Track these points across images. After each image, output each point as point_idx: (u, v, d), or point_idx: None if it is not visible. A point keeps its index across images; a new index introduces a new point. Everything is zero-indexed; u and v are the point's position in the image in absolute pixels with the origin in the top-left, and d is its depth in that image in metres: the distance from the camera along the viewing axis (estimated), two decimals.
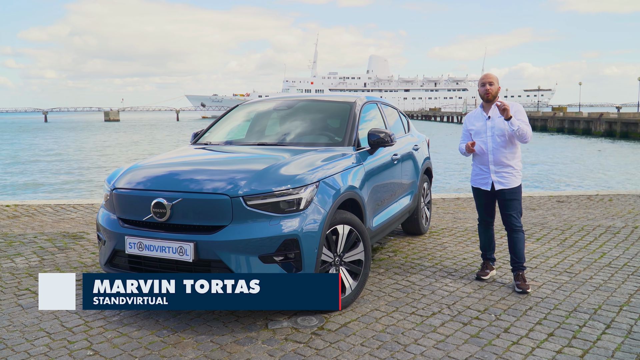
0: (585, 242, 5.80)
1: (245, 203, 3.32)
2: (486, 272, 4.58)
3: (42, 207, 8.07)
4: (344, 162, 4.06)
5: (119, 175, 3.80)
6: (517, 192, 4.56)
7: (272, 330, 3.50)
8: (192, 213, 3.39)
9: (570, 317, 3.70)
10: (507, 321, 3.65)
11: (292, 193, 3.42)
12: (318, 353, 3.18)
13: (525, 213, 7.52)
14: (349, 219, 3.83)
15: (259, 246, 3.30)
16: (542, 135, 44.40)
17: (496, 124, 4.46)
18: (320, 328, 3.54)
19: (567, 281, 4.48)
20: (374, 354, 3.17)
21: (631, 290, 4.24)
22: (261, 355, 3.16)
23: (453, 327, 3.55)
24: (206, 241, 3.30)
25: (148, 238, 3.45)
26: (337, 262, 3.80)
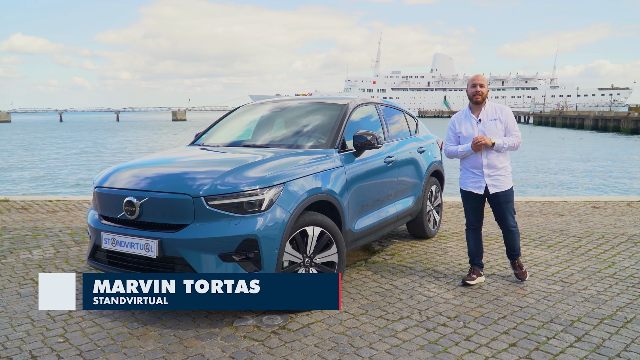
0: (598, 251, 5.53)
1: (206, 203, 3.44)
2: (472, 277, 4.48)
3: (81, 203, 8.58)
4: (321, 164, 4.10)
5: (102, 176, 4.03)
6: (511, 194, 4.50)
7: (236, 328, 3.60)
8: (158, 212, 3.56)
9: (543, 329, 3.57)
10: (473, 329, 3.57)
11: (253, 194, 3.51)
12: (269, 352, 3.25)
13: (551, 219, 7.25)
14: (320, 220, 3.88)
15: (219, 245, 3.41)
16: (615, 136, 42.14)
17: (488, 127, 4.39)
18: (281, 327, 3.60)
19: (557, 291, 4.31)
20: (323, 355, 3.20)
21: (622, 303, 4.02)
22: (214, 351, 3.27)
23: (414, 333, 3.52)
24: (170, 239, 3.45)
25: (120, 234, 3.64)
26: (307, 263, 3.85)
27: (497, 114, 4.43)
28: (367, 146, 4.47)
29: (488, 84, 4.52)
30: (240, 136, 4.97)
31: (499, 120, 4.41)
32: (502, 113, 4.43)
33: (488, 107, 4.45)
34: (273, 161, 3.90)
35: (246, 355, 3.20)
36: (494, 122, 4.40)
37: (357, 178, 4.46)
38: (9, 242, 5.97)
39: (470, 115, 4.47)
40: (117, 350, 3.27)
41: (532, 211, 7.93)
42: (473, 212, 4.58)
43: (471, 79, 4.47)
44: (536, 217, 7.49)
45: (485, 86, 4.43)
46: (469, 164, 4.49)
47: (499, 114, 4.42)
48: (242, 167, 3.72)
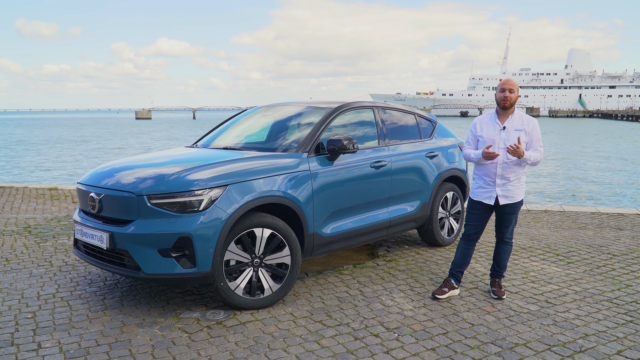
0: (621, 272, 4.97)
1: (148, 201, 3.70)
2: (444, 290, 4.28)
3: None
4: (282, 167, 4.17)
5: (86, 174, 4.47)
6: (518, 206, 4.32)
7: (179, 319, 3.83)
8: (111, 207, 3.89)
9: (476, 349, 3.36)
10: (401, 342, 3.45)
11: (190, 195, 3.70)
12: (188, 344, 3.43)
13: (601, 233, 6.61)
14: (270, 222, 3.96)
15: (157, 241, 3.65)
16: None
17: (511, 136, 4.16)
18: (218, 322, 3.76)
19: (530, 311, 3.98)
20: (234, 354, 3.30)
21: (592, 331, 3.63)
22: (142, 339, 3.51)
23: (339, 340, 3.49)
24: (118, 233, 3.76)
25: (85, 226, 4.04)
26: (256, 264, 3.96)
27: (524, 124, 4.17)
28: (342, 150, 4.45)
29: (519, 89, 4.28)
30: (227, 139, 5.16)
31: (524, 132, 4.15)
32: (528, 125, 4.17)
33: (516, 116, 4.21)
34: (226, 164, 4.05)
35: (165, 346, 3.41)
36: (518, 133, 4.15)
37: (330, 182, 4.46)
38: (59, 228, 6.77)
39: (495, 121, 4.25)
40: (65, 330, 3.65)
41: (589, 224, 7.26)
42: (475, 222, 4.36)
43: (500, 83, 4.24)
44: (586, 230, 6.85)
45: (515, 92, 4.19)
46: (482, 172, 4.29)
47: (525, 125, 4.17)
48: (189, 168, 3.92)
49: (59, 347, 3.38)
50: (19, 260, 5.29)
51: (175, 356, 3.26)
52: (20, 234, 6.40)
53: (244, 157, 4.24)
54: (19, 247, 5.78)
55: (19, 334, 3.57)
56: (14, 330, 3.65)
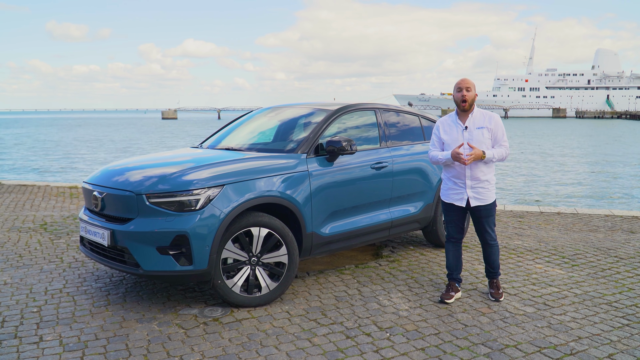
0: (625, 276, 4.92)
1: (147, 200, 3.80)
2: (450, 295, 4.26)
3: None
4: (280, 168, 4.24)
5: (92, 173, 4.61)
6: (493, 208, 4.27)
7: (177, 315, 3.93)
8: (112, 206, 4.01)
9: (465, 350, 3.37)
10: (392, 342, 3.49)
11: (188, 194, 3.79)
12: (183, 340, 3.51)
13: (612, 236, 6.53)
14: (267, 222, 4.04)
15: (156, 239, 3.75)
16: None
17: (474, 136, 4.17)
18: (215, 319, 3.85)
19: (525, 313, 3.97)
20: (226, 350, 3.38)
21: (586, 334, 3.61)
22: (140, 334, 3.61)
23: (331, 339, 3.54)
24: (119, 230, 3.87)
25: (89, 224, 4.17)
26: (253, 262, 4.04)
27: (486, 122, 4.18)
28: (341, 152, 4.50)
29: (475, 87, 4.29)
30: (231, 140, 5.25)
31: (486, 129, 4.16)
32: (490, 121, 4.18)
33: (476, 114, 4.22)
34: (225, 165, 4.14)
35: (161, 341, 3.50)
36: (481, 131, 4.16)
37: (329, 182, 4.52)
38: (74, 225, 6.96)
39: (456, 122, 4.26)
40: (67, 324, 3.77)
41: (601, 226, 7.17)
42: (454, 225, 4.38)
43: (457, 83, 4.25)
44: (597, 232, 6.77)
45: (473, 90, 4.20)
46: (450, 174, 4.30)
47: (487, 122, 4.18)
48: (188, 169, 4.02)
49: (59, 340, 3.50)
50: (32, 257, 5.46)
51: (169, 351, 3.35)
52: (36, 231, 6.60)
53: (243, 158, 4.32)
54: (34, 244, 5.97)
55: (23, 327, 3.70)
56: (19, 323, 3.78)
